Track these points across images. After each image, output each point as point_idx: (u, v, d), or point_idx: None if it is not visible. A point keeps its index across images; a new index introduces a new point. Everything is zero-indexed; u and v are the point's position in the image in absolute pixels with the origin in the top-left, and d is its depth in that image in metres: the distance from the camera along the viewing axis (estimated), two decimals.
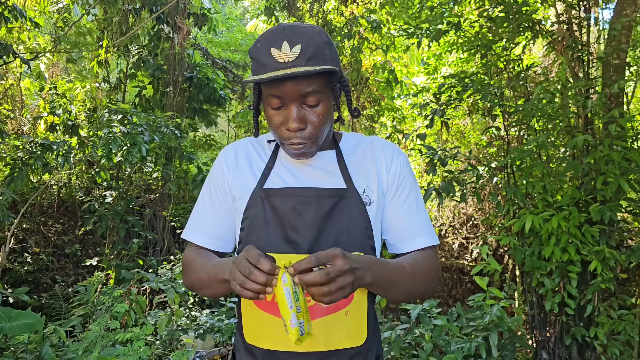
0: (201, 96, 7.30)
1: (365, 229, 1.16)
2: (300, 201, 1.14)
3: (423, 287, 1.18)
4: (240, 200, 1.20)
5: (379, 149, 1.26)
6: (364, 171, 1.22)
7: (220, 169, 1.26)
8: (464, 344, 2.96)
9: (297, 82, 1.05)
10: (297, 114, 1.09)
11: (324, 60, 1.07)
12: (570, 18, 3.83)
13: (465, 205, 6.31)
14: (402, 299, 1.18)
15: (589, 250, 3.23)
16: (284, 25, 1.08)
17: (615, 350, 3.24)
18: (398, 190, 1.23)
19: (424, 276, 1.17)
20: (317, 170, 1.20)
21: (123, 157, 4.93)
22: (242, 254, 0.97)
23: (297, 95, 1.07)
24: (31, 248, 6.46)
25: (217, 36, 11.45)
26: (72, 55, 7.28)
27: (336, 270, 0.93)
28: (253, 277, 0.93)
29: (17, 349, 3.12)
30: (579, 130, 3.63)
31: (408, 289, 1.14)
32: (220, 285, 1.12)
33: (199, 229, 1.28)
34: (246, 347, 1.19)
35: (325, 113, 1.11)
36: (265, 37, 1.08)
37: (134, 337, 2.53)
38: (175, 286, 3.81)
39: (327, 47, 1.09)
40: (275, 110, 1.11)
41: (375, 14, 5.84)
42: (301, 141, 1.11)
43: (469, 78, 3.98)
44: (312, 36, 1.07)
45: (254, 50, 1.10)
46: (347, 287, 0.94)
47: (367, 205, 1.18)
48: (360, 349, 1.16)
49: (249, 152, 1.28)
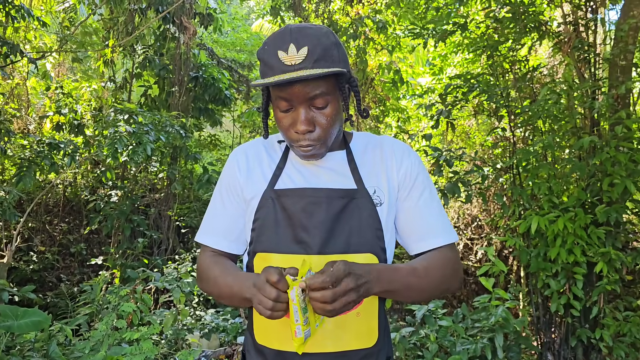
0: (206, 96, 7.31)
1: (375, 230, 1.16)
2: (310, 202, 1.14)
3: (441, 286, 1.17)
4: (252, 202, 1.20)
5: (388, 149, 1.25)
6: (374, 171, 1.21)
7: (231, 171, 1.26)
8: (469, 345, 2.96)
9: (304, 84, 1.05)
10: (305, 117, 1.08)
11: (332, 62, 1.06)
12: (576, 19, 3.82)
13: (470, 206, 6.30)
14: (420, 299, 1.17)
15: (594, 252, 3.22)
16: (291, 27, 1.08)
17: (621, 352, 3.23)
18: (411, 190, 1.22)
19: (440, 275, 1.16)
20: (327, 171, 1.20)
21: (128, 156, 4.95)
22: (263, 276, 0.98)
23: (305, 98, 1.07)
24: (37, 247, 6.49)
25: (222, 36, 11.47)
26: (78, 55, 7.30)
27: (342, 290, 0.94)
28: (282, 300, 0.97)
29: (24, 347, 3.13)
30: (585, 131, 3.62)
31: (424, 290, 1.13)
32: (242, 302, 1.12)
33: (213, 232, 1.27)
34: (256, 348, 1.19)
35: (333, 115, 1.11)
36: (273, 39, 1.08)
37: (141, 336, 2.54)
38: (181, 285, 3.83)
39: (335, 48, 1.08)
40: (284, 113, 1.11)
41: (381, 14, 5.84)
42: (310, 143, 1.11)
43: (475, 79, 3.98)
44: (319, 37, 1.06)
45: (262, 53, 1.10)
46: (350, 304, 0.96)
47: (378, 206, 1.17)
48: (371, 350, 1.16)
49: (260, 153, 1.27)
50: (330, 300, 0.93)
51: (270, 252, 1.14)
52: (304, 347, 1.00)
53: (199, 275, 1.27)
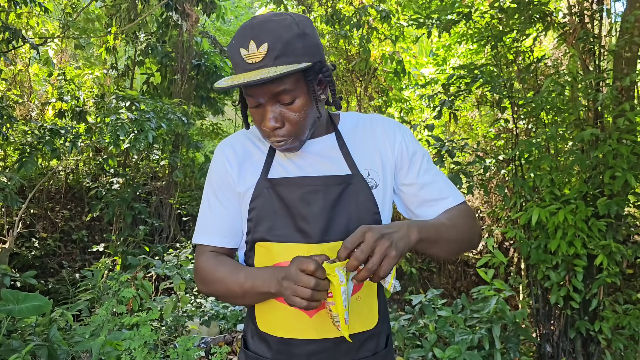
0: (208, 84, 7.29)
1: (373, 214, 1.16)
2: (308, 190, 1.13)
3: (467, 235, 1.19)
4: (246, 193, 1.18)
5: (379, 128, 1.25)
6: (366, 153, 1.21)
7: (222, 165, 1.23)
8: (467, 336, 2.97)
9: (266, 84, 1.03)
10: (272, 115, 1.07)
11: (295, 56, 1.03)
12: (582, 10, 3.78)
13: (471, 198, 6.29)
14: (453, 250, 1.19)
15: (595, 244, 3.22)
16: (253, 22, 1.05)
17: (620, 344, 3.24)
18: (410, 166, 1.22)
19: (465, 224, 1.19)
20: (319, 158, 1.19)
21: (130, 143, 4.95)
22: (295, 267, 0.99)
23: (270, 95, 1.05)
24: (38, 233, 6.51)
25: (225, 24, 11.40)
26: (80, 42, 7.28)
27: (368, 243, 0.94)
28: (321, 288, 0.96)
29: (25, 332, 3.16)
30: (588, 123, 3.60)
31: (455, 239, 1.15)
32: (257, 297, 1.12)
33: (211, 231, 1.23)
34: (260, 335, 1.19)
35: (302, 109, 1.08)
36: (237, 34, 1.06)
37: (140, 321, 2.55)
38: (181, 273, 3.84)
39: (298, 41, 1.04)
40: (255, 109, 1.10)
41: (385, 3, 5.79)
42: (280, 139, 1.10)
43: (479, 69, 3.95)
44: (280, 31, 1.02)
45: (229, 49, 1.08)
46: (389, 251, 0.95)
47: (373, 188, 1.17)
48: (372, 332, 1.18)
49: (246, 145, 1.25)
50: (364, 258, 0.94)
51: (271, 241, 1.14)
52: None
53: (200, 278, 1.21)
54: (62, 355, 2.81)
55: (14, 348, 2.73)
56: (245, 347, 1.24)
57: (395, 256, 0.95)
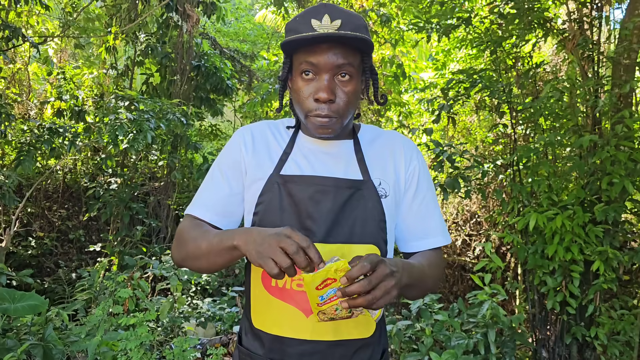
0: (208, 85, 7.28)
1: (379, 222, 1.16)
2: (318, 190, 1.14)
3: (434, 285, 1.20)
4: (256, 184, 1.18)
5: (399, 145, 1.26)
6: (381, 164, 1.22)
7: (237, 147, 1.22)
8: (463, 340, 2.97)
9: (334, 52, 1.06)
10: (329, 84, 1.08)
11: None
12: (581, 16, 3.80)
13: (469, 203, 6.30)
14: (417, 296, 1.19)
15: (592, 250, 3.22)
16: (326, 3, 1.10)
17: (615, 350, 3.24)
18: (417, 190, 1.23)
19: (437, 274, 1.20)
20: (334, 159, 1.20)
21: (129, 143, 4.94)
22: (284, 230, 0.92)
23: (332, 66, 1.07)
24: (35, 232, 6.50)
25: (225, 26, 11.42)
26: (80, 41, 7.27)
27: (378, 276, 0.91)
28: (298, 258, 0.89)
29: (21, 331, 3.15)
30: (586, 129, 3.61)
31: (424, 288, 1.16)
32: (221, 254, 1.04)
33: (205, 205, 1.20)
34: (254, 332, 1.19)
35: (354, 92, 1.12)
36: (306, 11, 1.09)
37: (136, 322, 2.55)
38: (178, 274, 3.84)
39: (365, 31, 1.10)
40: (306, 81, 1.11)
41: (385, 7, 5.81)
42: (328, 114, 1.10)
43: (478, 74, 3.96)
44: (351, 16, 1.08)
45: (292, 23, 1.10)
46: (392, 291, 0.92)
47: (383, 198, 1.18)
48: (368, 340, 1.17)
49: (266, 135, 1.25)
50: (368, 289, 0.89)
51: None
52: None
53: (175, 240, 1.19)
54: (58, 355, 2.80)
55: (9, 347, 2.72)
56: (239, 343, 1.25)
57: (393, 297, 0.93)
